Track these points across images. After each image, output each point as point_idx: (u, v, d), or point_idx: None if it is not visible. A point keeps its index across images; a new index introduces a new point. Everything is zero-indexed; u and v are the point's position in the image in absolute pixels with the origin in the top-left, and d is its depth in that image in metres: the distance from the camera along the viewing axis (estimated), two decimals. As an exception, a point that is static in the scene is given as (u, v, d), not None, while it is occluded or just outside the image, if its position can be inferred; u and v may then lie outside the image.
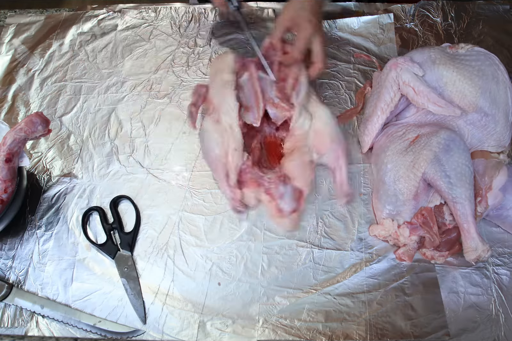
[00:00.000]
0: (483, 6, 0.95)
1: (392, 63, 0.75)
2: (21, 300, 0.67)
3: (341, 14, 0.95)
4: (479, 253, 0.64)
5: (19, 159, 0.70)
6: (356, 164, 0.78)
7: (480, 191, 0.68)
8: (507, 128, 0.73)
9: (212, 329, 0.65)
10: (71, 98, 0.88)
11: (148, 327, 0.66)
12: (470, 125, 0.72)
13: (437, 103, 0.72)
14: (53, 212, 0.76)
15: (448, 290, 0.67)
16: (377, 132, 0.76)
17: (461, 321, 0.65)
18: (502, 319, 0.65)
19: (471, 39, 0.91)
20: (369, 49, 0.90)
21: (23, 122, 0.68)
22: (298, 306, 0.67)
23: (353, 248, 0.71)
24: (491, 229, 0.72)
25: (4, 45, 0.95)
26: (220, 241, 0.72)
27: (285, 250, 0.71)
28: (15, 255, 0.72)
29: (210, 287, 0.69)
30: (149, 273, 0.70)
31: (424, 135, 0.71)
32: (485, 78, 0.72)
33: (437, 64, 0.74)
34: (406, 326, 0.65)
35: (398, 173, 0.70)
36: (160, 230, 0.73)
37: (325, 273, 0.69)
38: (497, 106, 0.72)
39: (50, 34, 0.96)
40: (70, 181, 0.78)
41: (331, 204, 0.74)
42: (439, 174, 0.66)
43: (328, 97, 0.85)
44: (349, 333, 0.64)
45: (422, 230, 0.68)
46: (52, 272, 0.70)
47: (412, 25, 0.93)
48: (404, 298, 0.66)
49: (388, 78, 0.75)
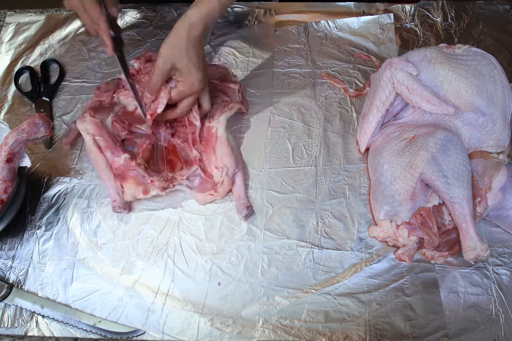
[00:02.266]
0: (483, 6, 0.95)
1: (387, 63, 0.76)
2: (21, 300, 0.67)
3: (341, 14, 0.95)
4: (478, 253, 0.64)
5: (20, 159, 0.70)
6: (355, 164, 0.78)
7: (480, 191, 0.68)
8: (505, 127, 0.73)
9: (212, 329, 0.65)
10: (71, 98, 0.88)
11: (148, 327, 0.66)
12: (467, 125, 0.73)
13: (430, 101, 0.72)
14: (53, 212, 0.76)
15: (448, 290, 0.67)
16: (374, 131, 0.76)
17: (461, 321, 0.65)
18: (502, 319, 0.65)
19: (471, 39, 0.91)
20: (369, 49, 0.90)
21: (26, 123, 0.69)
22: (298, 306, 0.67)
23: (353, 248, 0.71)
24: (491, 229, 0.72)
25: (4, 44, 0.95)
26: (220, 241, 0.72)
27: (285, 250, 0.71)
28: (15, 255, 0.72)
29: (210, 287, 0.69)
30: (149, 273, 0.70)
31: (421, 135, 0.71)
32: (482, 78, 0.72)
33: (433, 63, 0.74)
34: (405, 327, 0.65)
35: (394, 173, 0.70)
36: (160, 230, 0.73)
37: (325, 273, 0.69)
38: (495, 105, 0.72)
39: (50, 34, 0.96)
40: (70, 181, 0.78)
41: (331, 204, 0.74)
42: (436, 174, 0.66)
43: (328, 97, 0.85)
44: (349, 333, 0.64)
45: (421, 230, 0.68)
46: (52, 272, 0.70)
47: (412, 25, 0.93)
48: (403, 298, 0.67)
49: (383, 78, 0.75)
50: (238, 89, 0.81)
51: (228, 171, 0.73)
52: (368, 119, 0.76)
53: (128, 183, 0.72)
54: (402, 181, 0.69)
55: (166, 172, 0.74)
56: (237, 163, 0.75)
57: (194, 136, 0.76)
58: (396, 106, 0.76)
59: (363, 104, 0.81)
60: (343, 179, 0.77)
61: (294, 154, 0.79)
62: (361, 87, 0.86)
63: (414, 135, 0.72)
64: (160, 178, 0.72)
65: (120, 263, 0.71)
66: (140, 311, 0.67)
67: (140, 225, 0.74)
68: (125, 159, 0.72)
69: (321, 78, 0.87)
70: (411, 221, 0.69)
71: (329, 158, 0.79)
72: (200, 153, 0.75)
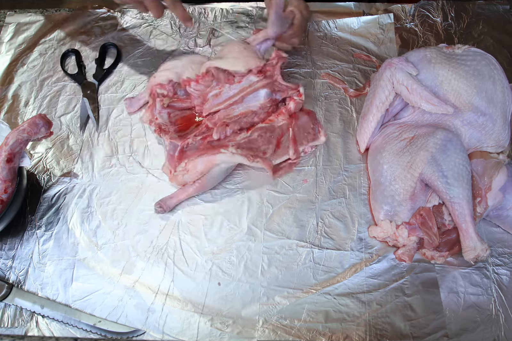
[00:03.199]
0: (483, 6, 0.95)
1: (387, 63, 0.76)
2: (21, 300, 0.67)
3: (341, 14, 0.95)
4: (477, 253, 0.64)
5: (20, 159, 0.70)
6: (355, 164, 0.78)
7: (480, 191, 0.68)
8: (505, 127, 0.73)
9: (212, 329, 0.66)
10: (71, 98, 0.88)
11: (148, 327, 0.66)
12: (467, 125, 0.73)
13: (430, 101, 0.72)
14: (53, 212, 0.76)
15: (448, 290, 0.67)
16: (373, 131, 0.76)
17: (461, 321, 0.65)
18: (502, 319, 0.65)
19: (471, 39, 0.91)
20: (369, 49, 0.90)
21: (26, 123, 0.69)
22: (298, 306, 0.67)
23: (353, 248, 0.71)
24: (491, 229, 0.72)
25: (4, 44, 0.95)
26: (220, 241, 0.72)
27: (285, 250, 0.71)
28: (15, 255, 0.72)
29: (210, 287, 0.69)
30: (149, 273, 0.70)
31: (420, 135, 0.71)
32: (481, 78, 0.72)
33: (433, 63, 0.74)
34: (405, 327, 0.65)
35: (394, 173, 0.70)
36: (160, 230, 0.73)
37: (325, 273, 0.69)
38: (494, 105, 0.72)
39: (50, 34, 0.96)
40: (70, 181, 0.78)
41: (331, 204, 0.74)
42: (436, 174, 0.67)
43: (328, 97, 0.85)
44: (349, 333, 0.64)
45: (421, 230, 0.68)
46: (52, 272, 0.70)
47: (412, 25, 0.93)
48: (403, 298, 0.67)
49: (383, 77, 0.75)
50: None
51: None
52: (368, 119, 0.76)
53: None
54: (402, 181, 0.69)
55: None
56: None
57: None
58: (396, 106, 0.76)
59: (363, 104, 0.81)
60: (343, 179, 0.77)
61: (294, 154, 0.79)
62: (361, 87, 0.86)
63: (414, 135, 0.72)
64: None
65: (120, 263, 0.71)
66: (140, 311, 0.67)
67: (140, 225, 0.74)
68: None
69: (321, 78, 0.87)
70: (411, 221, 0.69)
71: (329, 158, 0.79)
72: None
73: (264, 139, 0.75)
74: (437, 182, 0.66)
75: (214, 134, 0.74)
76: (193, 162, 0.72)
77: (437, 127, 0.72)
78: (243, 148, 0.72)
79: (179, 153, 0.74)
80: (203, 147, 0.74)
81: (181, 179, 0.73)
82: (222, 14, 0.96)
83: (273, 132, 0.76)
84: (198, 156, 0.72)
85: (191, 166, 0.72)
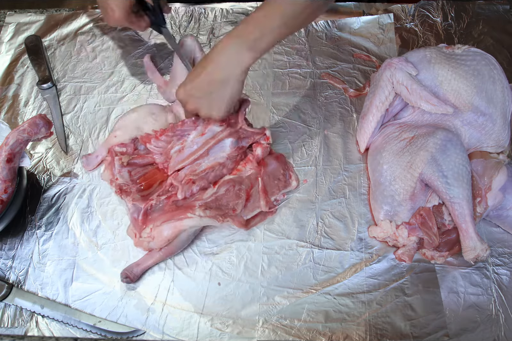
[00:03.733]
0: (483, 6, 0.95)
1: (387, 63, 0.76)
2: (21, 300, 0.67)
3: (341, 14, 0.95)
4: (477, 253, 0.64)
5: (20, 159, 0.70)
6: (355, 164, 0.78)
7: (480, 191, 0.68)
8: (505, 127, 0.73)
9: (212, 329, 0.65)
10: (71, 98, 0.88)
11: (148, 327, 0.66)
12: (467, 125, 0.73)
13: (429, 101, 0.72)
14: (53, 212, 0.76)
15: (448, 290, 0.67)
16: (373, 131, 0.76)
17: (461, 321, 0.65)
18: (502, 319, 0.65)
19: (471, 39, 0.91)
20: (369, 49, 0.90)
21: (27, 123, 0.69)
22: (298, 306, 0.67)
23: (353, 248, 0.71)
24: (491, 229, 0.72)
25: (4, 44, 0.95)
26: (220, 241, 0.72)
27: (285, 250, 0.71)
28: (15, 255, 0.72)
29: (210, 287, 0.69)
30: (149, 273, 0.70)
31: (420, 135, 0.71)
32: (481, 78, 0.72)
33: (433, 63, 0.74)
34: (405, 327, 0.65)
35: (394, 173, 0.70)
36: (160, 230, 0.73)
37: (325, 273, 0.69)
38: (494, 105, 0.72)
39: (50, 34, 0.96)
40: (70, 181, 0.78)
41: (331, 204, 0.74)
42: (436, 174, 0.67)
43: (328, 97, 0.85)
44: (349, 333, 0.64)
45: (421, 230, 0.68)
46: (52, 272, 0.70)
47: (412, 25, 0.93)
48: (404, 298, 0.67)
49: (383, 78, 0.76)
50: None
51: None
52: (368, 119, 0.76)
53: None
54: (402, 181, 0.69)
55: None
56: None
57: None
58: (396, 106, 0.76)
59: (363, 104, 0.81)
60: (343, 179, 0.77)
61: (294, 154, 0.79)
62: (361, 87, 0.86)
63: (413, 135, 0.72)
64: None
65: (120, 263, 0.71)
66: (140, 311, 0.67)
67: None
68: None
69: (321, 78, 0.87)
70: (411, 221, 0.69)
71: (329, 158, 0.79)
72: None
73: (233, 194, 0.70)
74: (437, 182, 0.66)
75: (179, 194, 0.69)
76: (158, 229, 0.66)
77: (437, 127, 0.72)
78: (211, 208, 0.67)
79: (143, 216, 0.68)
80: (168, 209, 0.69)
81: (146, 246, 0.68)
82: (222, 14, 0.96)
83: (242, 184, 0.71)
84: (163, 223, 0.67)
85: (157, 232, 0.66)
